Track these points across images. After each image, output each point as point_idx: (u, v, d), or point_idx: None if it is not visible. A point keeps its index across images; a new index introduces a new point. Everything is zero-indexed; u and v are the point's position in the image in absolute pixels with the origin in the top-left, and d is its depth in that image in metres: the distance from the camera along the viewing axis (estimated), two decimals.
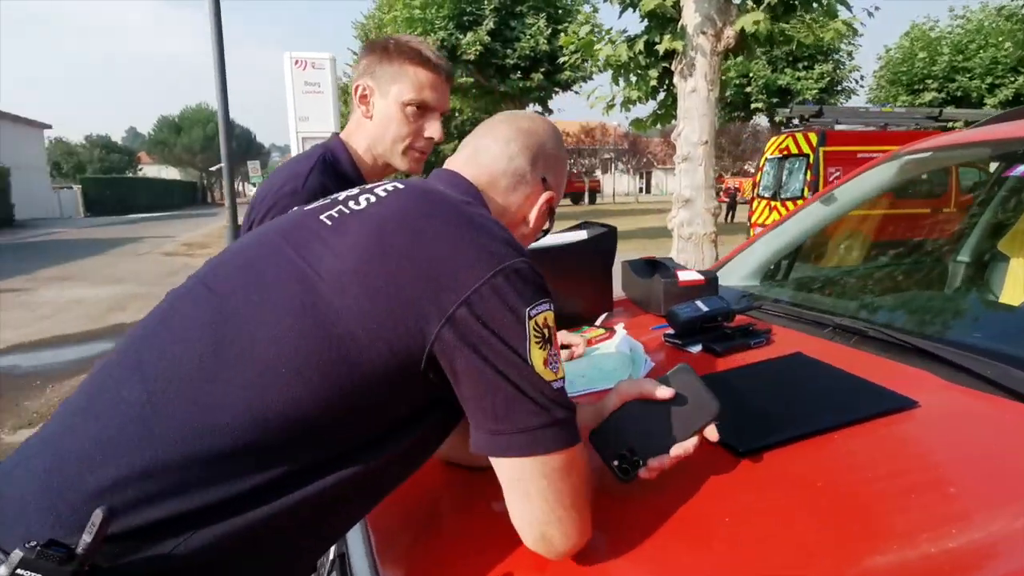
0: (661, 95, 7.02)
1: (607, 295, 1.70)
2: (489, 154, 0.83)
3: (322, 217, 0.71)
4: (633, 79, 6.71)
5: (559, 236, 1.67)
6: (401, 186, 0.75)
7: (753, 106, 18.59)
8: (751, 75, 17.87)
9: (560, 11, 12.48)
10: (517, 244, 0.67)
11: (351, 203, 0.72)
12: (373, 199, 0.72)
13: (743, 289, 1.74)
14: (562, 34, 7.43)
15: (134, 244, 15.44)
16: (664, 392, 0.74)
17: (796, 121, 8.37)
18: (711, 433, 0.74)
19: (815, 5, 5.62)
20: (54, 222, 24.87)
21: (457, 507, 0.88)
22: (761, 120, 22.35)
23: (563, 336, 1.39)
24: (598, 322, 1.60)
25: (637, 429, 0.75)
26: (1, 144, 23.17)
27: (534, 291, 0.64)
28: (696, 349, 1.26)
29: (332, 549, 0.92)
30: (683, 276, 1.58)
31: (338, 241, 0.66)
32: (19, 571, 0.46)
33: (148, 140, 51.13)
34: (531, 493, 0.63)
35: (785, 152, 8.38)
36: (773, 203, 8.58)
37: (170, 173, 52.96)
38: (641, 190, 49.89)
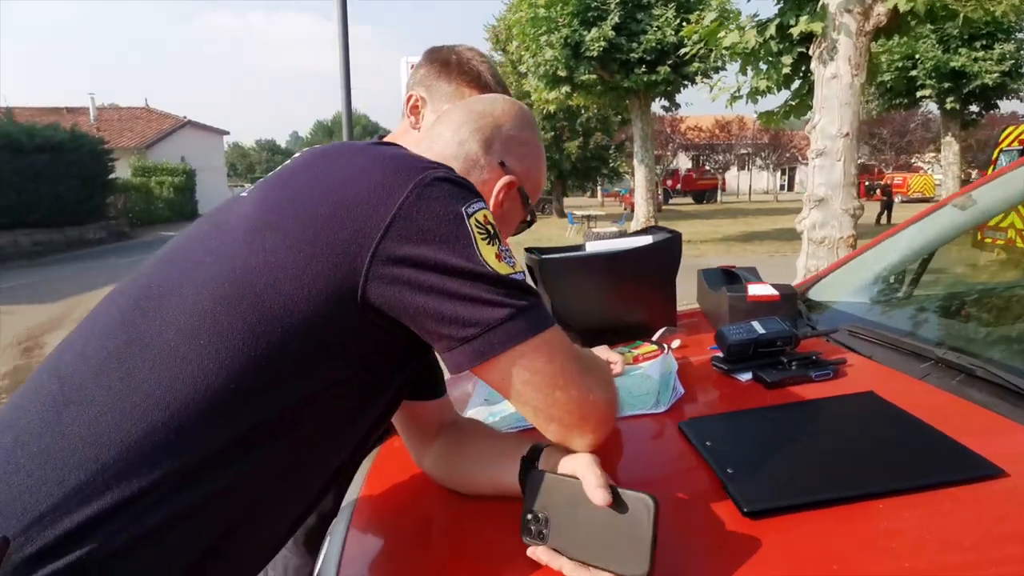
0: (796, 83, 6.38)
1: (669, 307, 1.55)
2: (441, 140, 0.80)
3: (243, 193, 0.71)
4: (763, 67, 6.17)
5: (620, 241, 1.55)
6: (318, 146, 0.74)
7: (920, 93, 16.32)
8: (917, 57, 15.69)
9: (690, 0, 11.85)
10: (438, 163, 0.65)
11: (262, 180, 0.72)
12: (289, 163, 0.71)
13: (841, 307, 1.50)
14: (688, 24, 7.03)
15: None
16: (597, 498, 0.59)
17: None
18: None
19: None
20: None
21: (443, 533, 0.83)
22: (931, 107, 19.62)
23: (602, 352, 1.28)
24: (655, 336, 1.46)
25: (564, 510, 0.62)
26: (190, 149, 27.02)
27: (463, 191, 0.62)
28: (745, 377, 1.09)
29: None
30: (753, 290, 1.39)
31: (247, 202, 0.65)
32: None
33: (305, 142, 56.90)
34: (521, 390, 0.62)
35: None
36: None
37: None
38: (783, 187, 46.13)
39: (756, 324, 1.15)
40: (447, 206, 0.59)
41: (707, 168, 36.15)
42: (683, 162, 38.04)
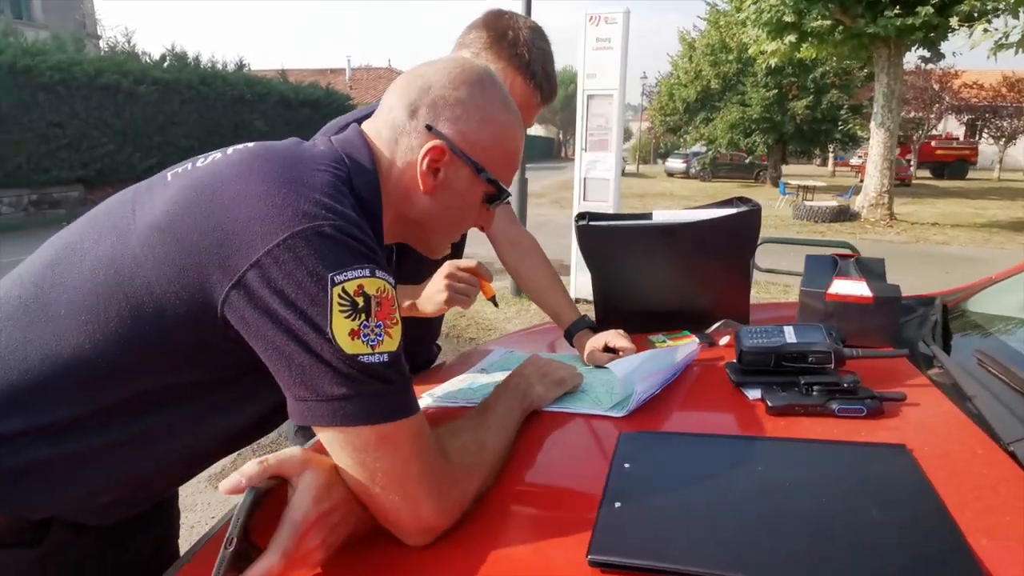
0: None
1: (738, 295, 1.29)
2: (381, 109, 0.75)
3: (169, 173, 0.70)
4: None
5: (690, 213, 1.33)
6: (252, 144, 0.70)
7: None
8: None
9: None
10: (335, 208, 0.59)
11: (200, 160, 0.71)
12: (218, 155, 0.69)
13: (1004, 326, 1.11)
14: None
15: None
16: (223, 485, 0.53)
17: None
18: None
19: None
20: None
21: None
22: None
23: (614, 337, 1.11)
24: (710, 329, 1.23)
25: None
26: None
27: (342, 255, 0.57)
28: (754, 394, 0.86)
29: None
30: (838, 287, 1.08)
31: (160, 195, 0.66)
32: None
33: None
34: (346, 465, 0.58)
35: None
36: None
37: (536, 130, 60.35)
38: None
39: (789, 330, 0.89)
40: (315, 267, 0.55)
41: (958, 137, 29.03)
42: (952, 127, 31.12)
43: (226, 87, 13.75)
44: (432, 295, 1.09)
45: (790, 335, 0.88)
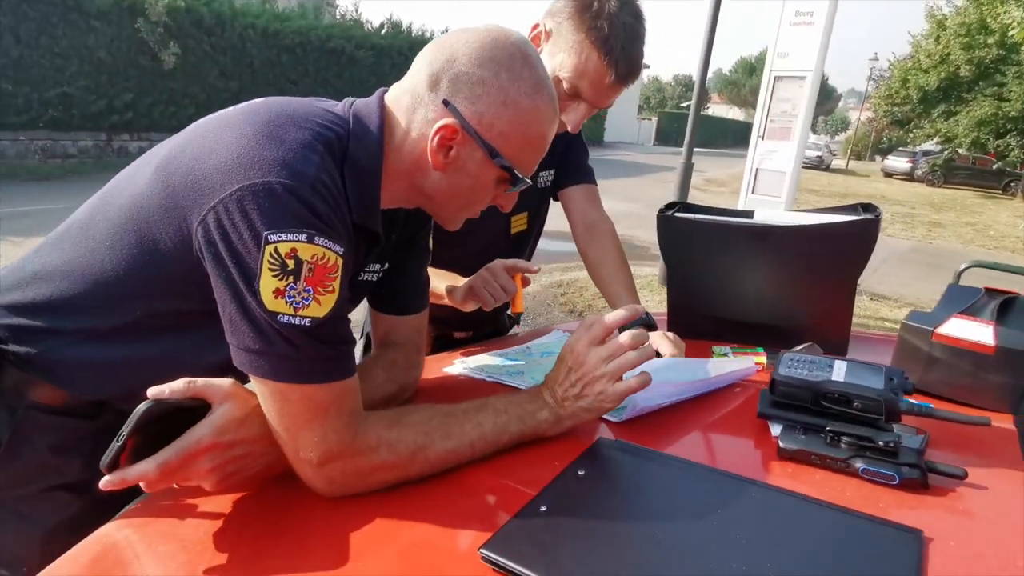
0: None
1: (839, 314, 1.11)
2: (408, 73, 0.74)
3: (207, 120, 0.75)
4: None
5: (798, 216, 1.16)
6: (266, 98, 0.73)
7: None
8: None
9: None
10: (294, 168, 0.60)
11: (218, 113, 0.75)
12: (235, 106, 0.73)
13: None
14: None
15: (667, 172, 17.51)
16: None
17: None
18: None
19: None
20: (629, 146, 30.43)
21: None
22: None
23: (657, 340, 1.02)
24: (795, 349, 1.07)
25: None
26: None
27: (283, 216, 0.58)
28: (776, 429, 0.74)
29: None
30: (951, 328, 0.88)
31: (181, 135, 0.73)
32: None
33: (722, 80, 54.86)
34: (262, 407, 0.63)
35: None
36: None
37: (735, 114, 55.99)
38: None
39: (840, 366, 0.75)
40: (252, 222, 0.58)
41: None
42: None
43: None
44: (462, 285, 1.08)
45: (839, 372, 0.73)
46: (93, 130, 9.86)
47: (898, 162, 25.88)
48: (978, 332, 0.86)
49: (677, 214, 1.20)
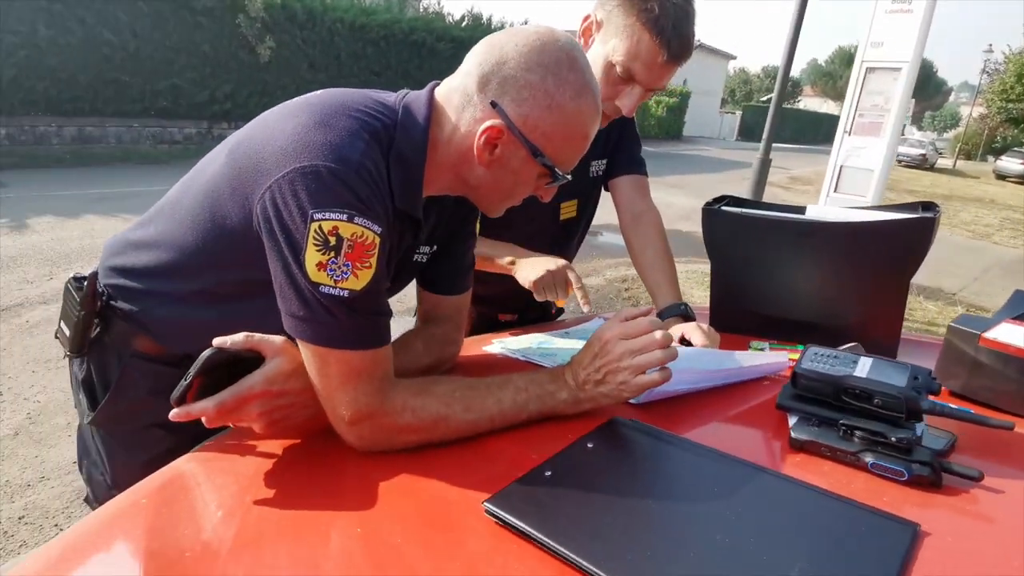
0: None
1: (889, 316, 1.08)
2: (460, 70, 0.78)
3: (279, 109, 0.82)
4: None
5: (850, 212, 1.14)
6: (329, 89, 0.80)
7: None
8: None
9: None
10: (341, 152, 0.66)
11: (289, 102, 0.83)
12: (300, 97, 0.80)
13: None
14: None
15: (747, 169, 16.81)
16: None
17: None
18: None
19: None
20: (710, 141, 29.39)
21: None
22: None
23: (690, 331, 1.03)
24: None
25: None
26: (693, 72, 28.43)
27: (328, 196, 0.64)
28: (792, 420, 0.75)
29: None
30: (998, 334, 0.84)
31: (249, 126, 0.80)
32: (68, 285, 0.86)
33: (815, 72, 51.69)
34: (307, 366, 0.70)
35: None
36: None
37: (829, 107, 52.67)
38: None
39: (865, 363, 0.74)
40: (301, 202, 0.64)
41: None
42: None
43: None
44: (528, 274, 1.14)
45: (863, 368, 0.73)
46: (197, 118, 10.66)
47: (1012, 163, 23.54)
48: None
49: (724, 207, 1.19)
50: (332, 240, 0.64)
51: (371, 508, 0.62)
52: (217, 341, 0.68)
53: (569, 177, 0.78)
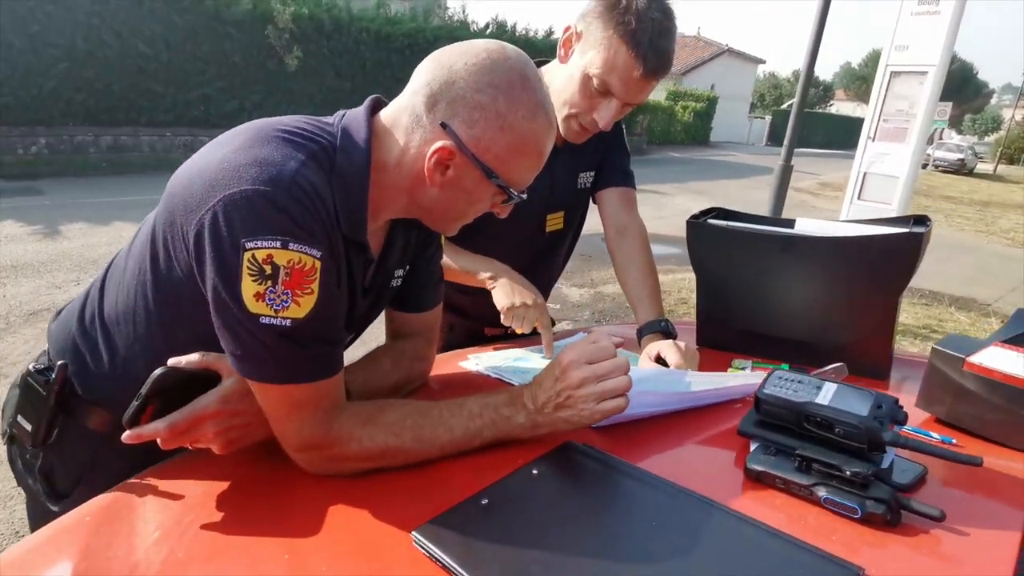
0: None
1: (877, 336, 1.03)
2: (407, 88, 0.75)
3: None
4: None
5: (837, 225, 1.10)
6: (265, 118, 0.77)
7: None
8: None
9: None
10: (274, 178, 0.62)
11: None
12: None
13: None
14: None
15: (771, 176, 16.49)
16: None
17: None
18: None
19: None
20: (736, 146, 28.93)
21: None
22: None
23: (666, 349, 1.00)
24: (820, 370, 1.02)
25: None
26: (721, 76, 28.08)
27: (259, 223, 0.61)
28: (752, 447, 0.72)
29: None
30: (986, 359, 0.80)
31: (183, 164, 0.76)
32: (28, 379, 0.78)
33: (848, 75, 50.52)
34: (256, 396, 0.68)
35: None
36: None
37: (862, 111, 51.45)
38: None
39: (829, 389, 0.71)
40: (232, 231, 0.61)
41: None
42: None
43: (533, 53, 14.93)
44: (504, 299, 1.13)
45: (825, 394, 0.69)
46: (226, 127, 10.79)
47: None
48: (1016, 364, 0.77)
49: (709, 220, 1.16)
50: (267, 269, 0.61)
51: (304, 535, 0.61)
52: (171, 361, 0.67)
53: (524, 196, 0.76)
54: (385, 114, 0.75)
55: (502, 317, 1.12)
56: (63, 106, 9.04)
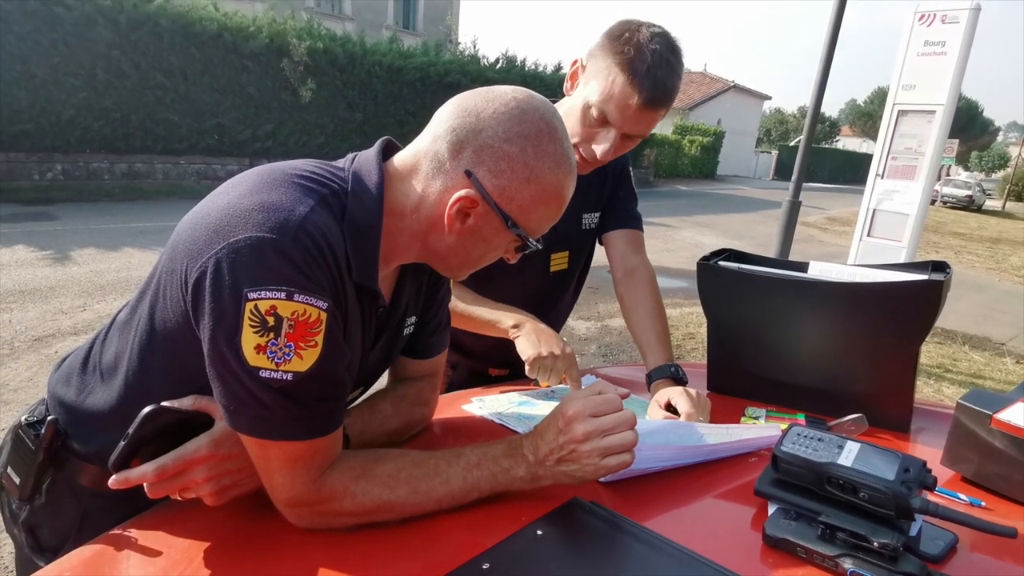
0: None
1: (898, 388, 0.99)
2: (427, 133, 0.73)
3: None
4: None
5: (854, 270, 1.07)
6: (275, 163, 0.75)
7: None
8: None
9: None
10: (278, 218, 0.60)
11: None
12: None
13: None
14: None
15: (778, 209, 16.51)
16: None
17: None
18: None
19: None
20: (743, 180, 29.11)
21: None
22: None
23: (677, 397, 0.96)
24: (837, 421, 0.98)
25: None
26: (728, 111, 28.43)
27: (263, 272, 0.58)
28: (771, 510, 0.67)
29: None
30: (1016, 414, 0.76)
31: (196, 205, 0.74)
32: (19, 431, 0.75)
33: (853, 112, 51.00)
34: (247, 449, 0.66)
35: None
36: None
37: (868, 147, 51.78)
38: None
39: (852, 448, 0.67)
40: (235, 280, 0.58)
41: None
42: None
43: (541, 88, 15.22)
44: (531, 348, 1.07)
45: (848, 455, 0.65)
46: (239, 156, 11.11)
47: None
48: None
49: (720, 262, 1.14)
50: (270, 320, 0.58)
51: None
52: (168, 403, 0.65)
53: (540, 246, 0.74)
54: (400, 158, 0.73)
55: (527, 369, 1.05)
56: (80, 133, 9.22)
